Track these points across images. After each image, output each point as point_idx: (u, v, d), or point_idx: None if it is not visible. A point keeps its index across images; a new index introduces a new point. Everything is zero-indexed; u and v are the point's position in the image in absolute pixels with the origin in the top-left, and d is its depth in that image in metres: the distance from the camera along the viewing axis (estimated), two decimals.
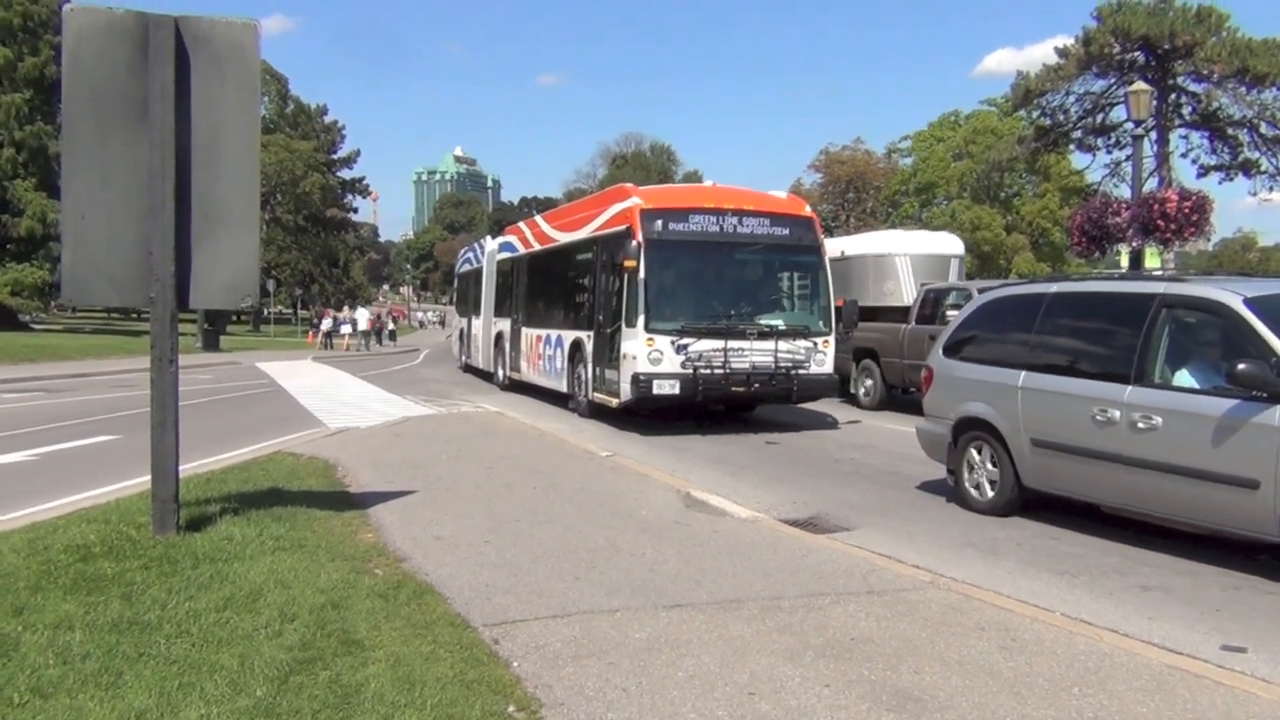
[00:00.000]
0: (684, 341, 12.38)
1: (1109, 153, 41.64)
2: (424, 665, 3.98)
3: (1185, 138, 40.14)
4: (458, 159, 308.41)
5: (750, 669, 4.11)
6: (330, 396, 18.26)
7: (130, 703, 3.53)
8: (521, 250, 19.35)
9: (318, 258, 69.52)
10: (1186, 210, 18.36)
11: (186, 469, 7.38)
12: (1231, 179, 40.09)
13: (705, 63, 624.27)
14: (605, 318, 13.67)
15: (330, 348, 41.17)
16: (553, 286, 17.34)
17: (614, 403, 13.08)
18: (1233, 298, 6.23)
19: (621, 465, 9.75)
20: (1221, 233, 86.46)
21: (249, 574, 5.17)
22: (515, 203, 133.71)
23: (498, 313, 20.94)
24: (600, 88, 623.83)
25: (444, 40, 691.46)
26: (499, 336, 20.56)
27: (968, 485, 8.06)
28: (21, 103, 42.26)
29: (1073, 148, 44.51)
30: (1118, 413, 6.60)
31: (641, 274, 12.42)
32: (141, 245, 5.84)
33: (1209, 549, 6.53)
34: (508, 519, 7.02)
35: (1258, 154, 38.83)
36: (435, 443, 11.15)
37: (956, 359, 8.41)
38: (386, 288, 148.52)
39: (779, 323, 13.19)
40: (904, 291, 17.05)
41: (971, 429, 8.02)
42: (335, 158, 72.67)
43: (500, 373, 20.33)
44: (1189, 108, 39.07)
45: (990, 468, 7.82)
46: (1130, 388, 6.59)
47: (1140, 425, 6.44)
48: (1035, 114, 42.48)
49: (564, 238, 16.60)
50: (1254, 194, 41.64)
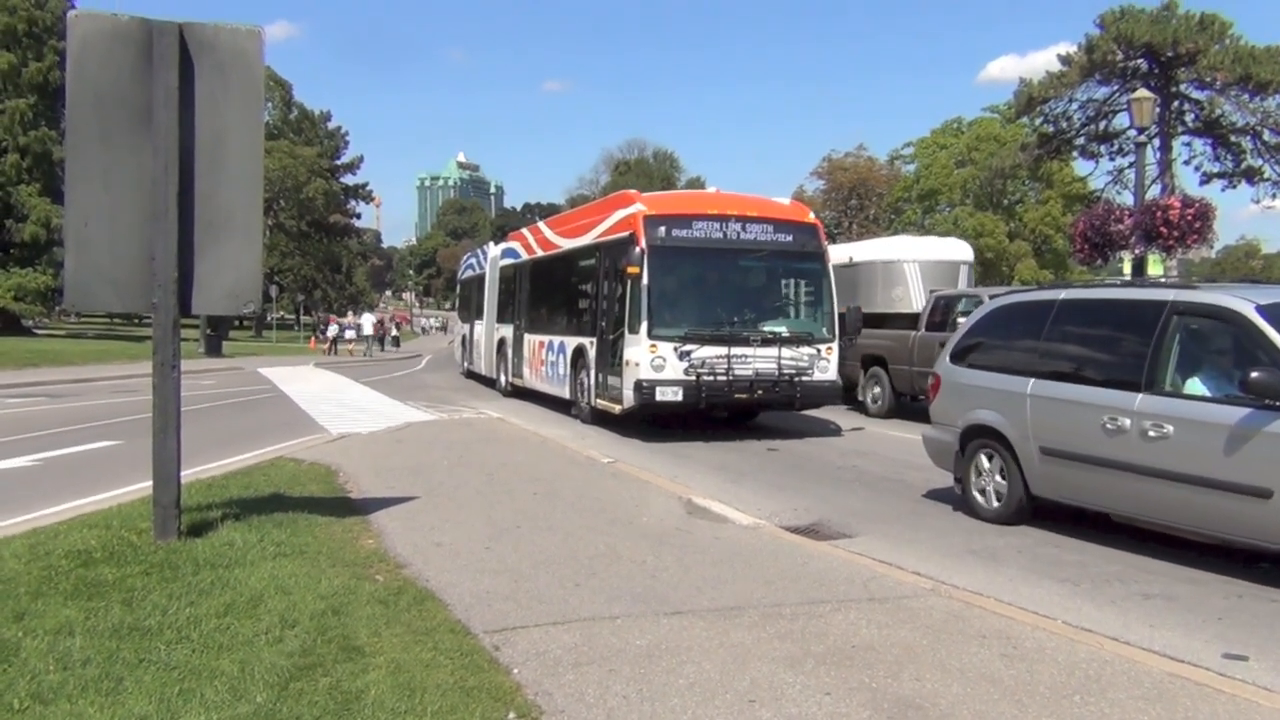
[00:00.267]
0: (687, 348, 12.37)
1: (1112, 160, 41.73)
2: (424, 672, 3.98)
3: (1188, 145, 40.21)
4: (461, 165, 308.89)
5: (751, 676, 4.10)
6: (332, 402, 18.28)
7: (130, 709, 3.53)
8: (524, 256, 19.38)
9: (320, 263, 69.78)
10: (1189, 217, 18.35)
11: (188, 474, 7.38)
12: (1234, 186, 40.13)
13: (709, 70, 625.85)
14: (608, 324, 13.67)
15: (336, 353, 42.44)
16: (556, 292, 17.34)
17: (617, 409, 13.08)
18: (1245, 305, 6.17)
19: (623, 472, 9.75)
20: (1224, 240, 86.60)
21: (250, 580, 5.17)
22: (518, 209, 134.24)
23: (500, 318, 20.95)
24: (604, 94, 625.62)
25: (448, 46, 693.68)
26: (501, 342, 20.57)
27: (975, 493, 7.99)
28: (26, 108, 42.49)
29: (1076, 155, 44.49)
30: (1128, 421, 6.54)
31: (645, 280, 12.42)
32: (144, 251, 5.86)
33: (1211, 557, 6.52)
34: (509, 525, 7.02)
35: (1261, 161, 38.85)
36: (437, 449, 11.16)
37: (964, 366, 8.33)
38: (389, 293, 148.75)
39: (782, 329, 13.16)
40: (913, 298, 16.97)
41: (979, 437, 7.94)
42: (338, 163, 72.85)
43: (502, 379, 20.34)
44: (1192, 115, 39.07)
45: (999, 477, 7.75)
46: (1141, 396, 6.53)
47: (1151, 434, 6.38)
48: (1038, 121, 42.48)
49: (567, 244, 16.61)
50: (1257, 201, 41.96)
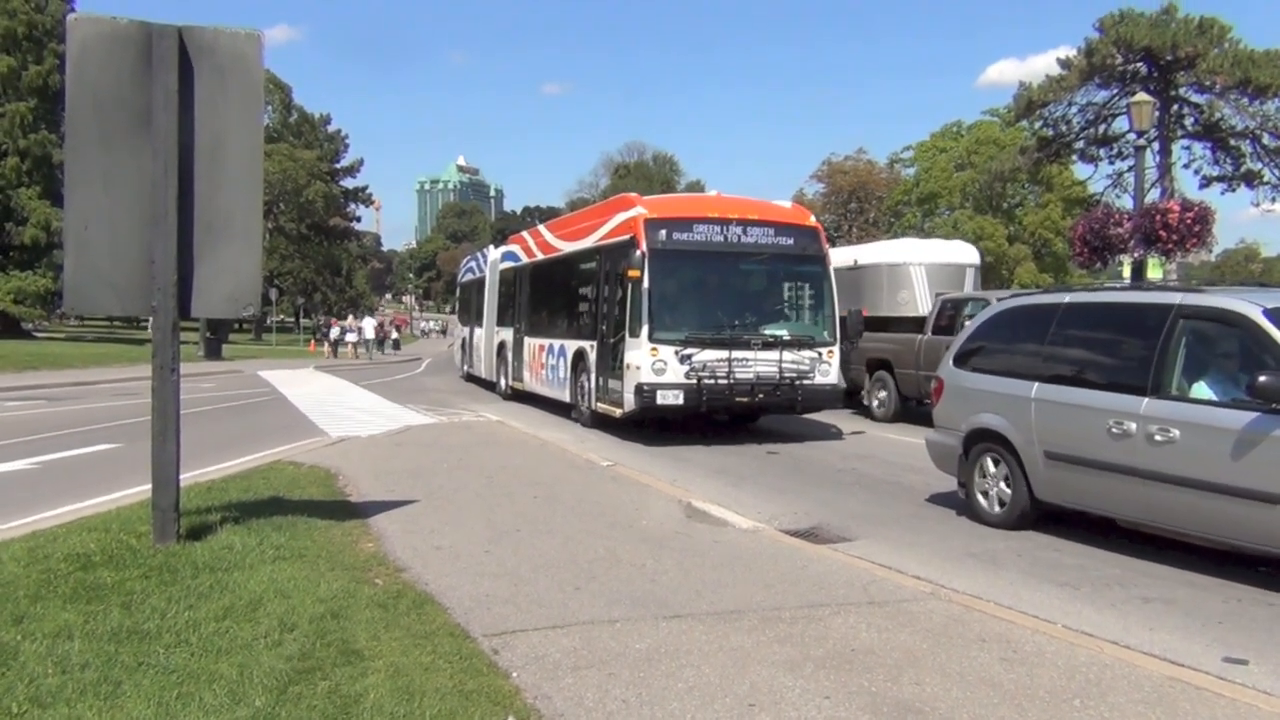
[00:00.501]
0: (688, 351, 12.36)
1: (1111, 163, 41.75)
2: (423, 675, 3.97)
3: (1188, 148, 40.22)
4: (461, 168, 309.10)
5: (750, 680, 4.10)
6: (332, 405, 18.27)
7: (129, 712, 3.52)
8: (524, 259, 19.37)
9: (320, 266, 69.81)
10: (1189, 221, 18.34)
11: (187, 478, 7.38)
12: (1234, 190, 40.12)
13: (708, 73, 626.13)
14: (609, 327, 13.66)
15: (337, 356, 42.95)
16: (556, 296, 17.33)
17: (618, 413, 13.07)
18: (1252, 308, 6.12)
19: (623, 475, 9.75)
20: (1224, 244, 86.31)
21: (249, 583, 5.17)
22: (518, 212, 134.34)
23: (500, 322, 20.94)
24: (603, 97, 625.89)
25: (447, 50, 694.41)
26: (501, 346, 20.57)
27: (979, 498, 7.93)
28: (26, 111, 42.53)
29: (1075, 158, 44.49)
30: (1134, 425, 6.50)
31: (645, 283, 12.42)
32: (144, 254, 5.87)
33: (1211, 561, 6.51)
34: (508, 529, 7.02)
35: (1260, 165, 38.86)
36: (436, 452, 11.16)
37: (968, 370, 8.29)
38: (389, 296, 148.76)
39: (783, 333, 13.15)
40: (918, 301, 16.91)
41: (983, 441, 7.88)
42: (338, 167, 72.92)
43: (503, 382, 20.33)
44: (1191, 119, 39.10)
45: (1003, 483, 7.69)
46: (1147, 400, 6.48)
47: (1157, 438, 6.33)
48: (1038, 124, 42.50)
49: (567, 247, 16.61)
50: (1256, 205, 41.65)
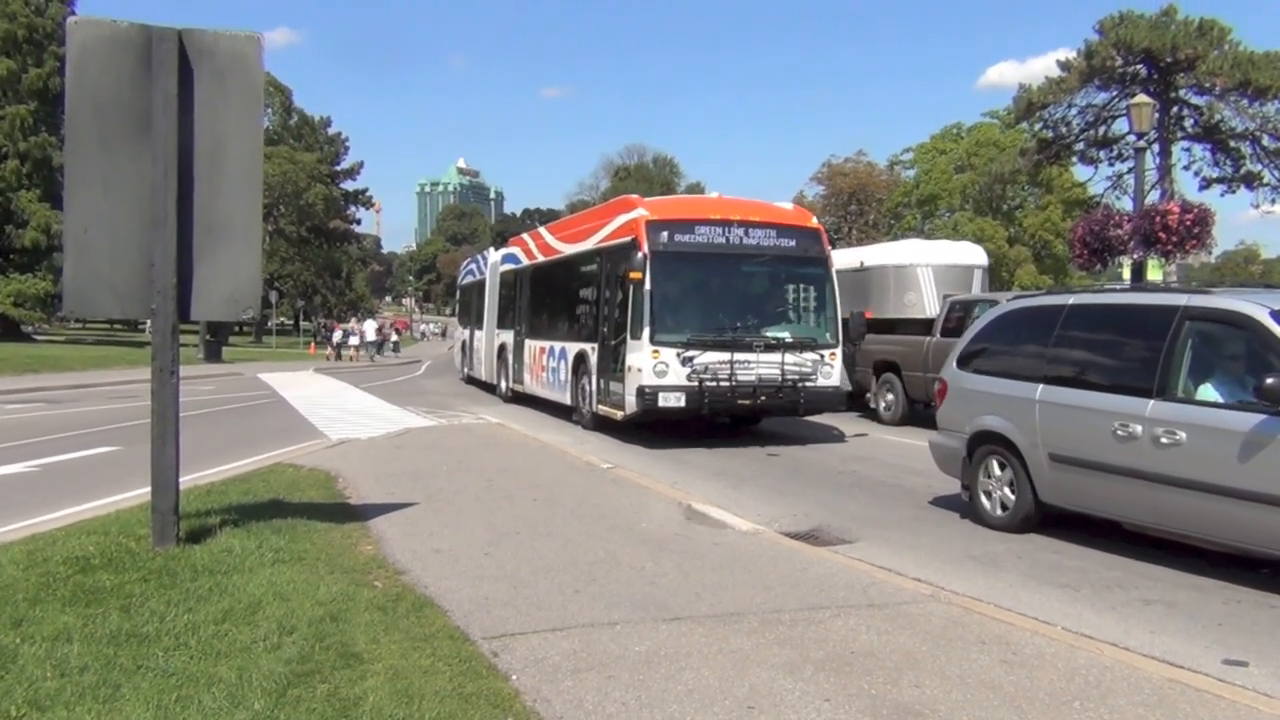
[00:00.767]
0: (690, 354, 12.33)
1: (1111, 165, 41.83)
2: (423, 678, 3.97)
3: (1187, 150, 40.28)
4: (461, 171, 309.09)
5: (750, 682, 4.09)
6: (332, 408, 18.27)
7: (128, 715, 3.52)
8: (525, 262, 19.37)
9: (320, 269, 69.80)
10: (1188, 223, 18.32)
11: (187, 480, 7.38)
12: (1234, 191, 40.17)
13: (708, 75, 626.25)
14: (610, 330, 13.64)
15: (340, 358, 43.42)
16: (556, 298, 17.31)
17: (619, 415, 13.06)
18: (1259, 310, 6.09)
19: (622, 477, 9.74)
20: (1224, 245, 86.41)
21: (248, 586, 5.16)
22: (518, 214, 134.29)
23: (500, 324, 20.94)
24: (603, 100, 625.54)
25: (447, 52, 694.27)
26: (502, 348, 20.56)
27: (983, 500, 7.90)
28: (26, 114, 42.50)
29: (1075, 160, 44.55)
30: (1140, 427, 6.46)
31: (647, 285, 12.40)
32: (143, 257, 5.86)
33: (1211, 563, 6.50)
34: (508, 531, 7.01)
35: (1260, 166, 38.91)
36: (436, 454, 11.15)
37: (971, 371, 8.25)
38: (389, 299, 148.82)
39: (786, 335, 13.11)
40: (926, 303, 16.78)
41: (987, 443, 7.85)
42: (338, 169, 72.96)
43: (503, 385, 20.32)
44: (1191, 120, 39.15)
45: (1007, 487, 7.66)
46: (1152, 402, 6.45)
47: (1163, 440, 6.29)
48: (1037, 126, 42.57)
49: (568, 249, 16.60)
50: (1256, 206, 41.77)
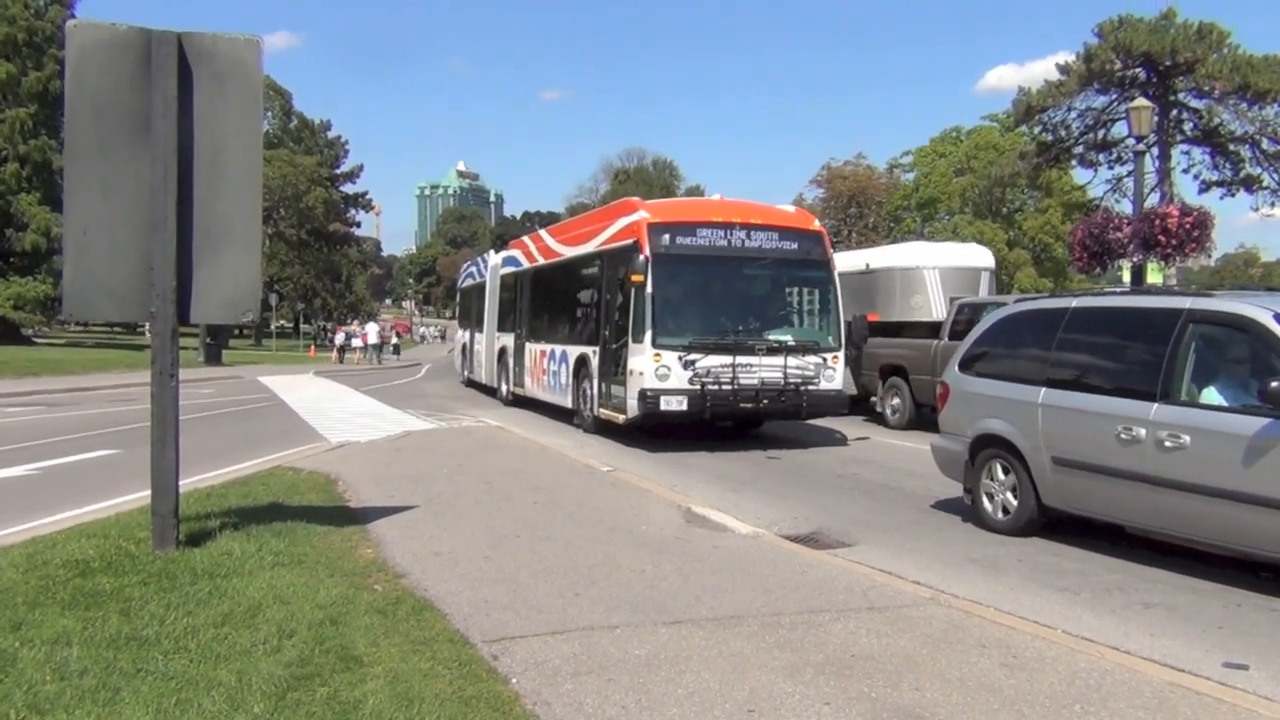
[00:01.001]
0: (692, 357, 12.30)
1: (1110, 168, 41.88)
2: (422, 682, 3.96)
3: (1187, 153, 40.34)
4: (460, 174, 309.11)
5: (750, 686, 4.09)
6: (331, 411, 18.27)
7: (127, 719, 3.51)
8: (525, 264, 19.35)
9: (320, 272, 69.83)
10: (1188, 226, 18.36)
11: (187, 484, 7.38)
12: (1233, 195, 40.23)
13: (708, 78, 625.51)
14: (611, 333, 13.62)
15: (343, 361, 44.13)
16: (557, 301, 17.29)
17: (620, 419, 13.04)
18: (1263, 313, 6.07)
19: (623, 481, 9.73)
20: (1223, 248, 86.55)
21: (248, 589, 5.16)
22: (518, 217, 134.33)
23: (501, 327, 20.92)
24: (603, 103, 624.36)
25: (447, 55, 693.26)
26: (502, 351, 20.55)
27: (985, 504, 7.88)
28: (26, 117, 42.53)
29: (1074, 163, 44.68)
30: (1143, 431, 6.44)
31: (648, 288, 12.37)
32: (143, 260, 5.86)
33: (1211, 566, 6.50)
34: (507, 534, 7.01)
35: (1259, 170, 38.97)
36: (436, 457, 11.15)
37: (973, 375, 8.23)
38: (389, 302, 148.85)
39: (788, 338, 13.06)
40: (933, 306, 16.60)
41: (990, 446, 7.82)
42: (338, 172, 73.04)
43: (503, 388, 20.31)
44: (1190, 124, 39.20)
45: (1010, 491, 7.64)
46: (1156, 405, 6.42)
47: (1167, 444, 6.27)
48: (1037, 129, 42.64)
49: (569, 252, 16.59)
50: (1256, 209, 41.85)
